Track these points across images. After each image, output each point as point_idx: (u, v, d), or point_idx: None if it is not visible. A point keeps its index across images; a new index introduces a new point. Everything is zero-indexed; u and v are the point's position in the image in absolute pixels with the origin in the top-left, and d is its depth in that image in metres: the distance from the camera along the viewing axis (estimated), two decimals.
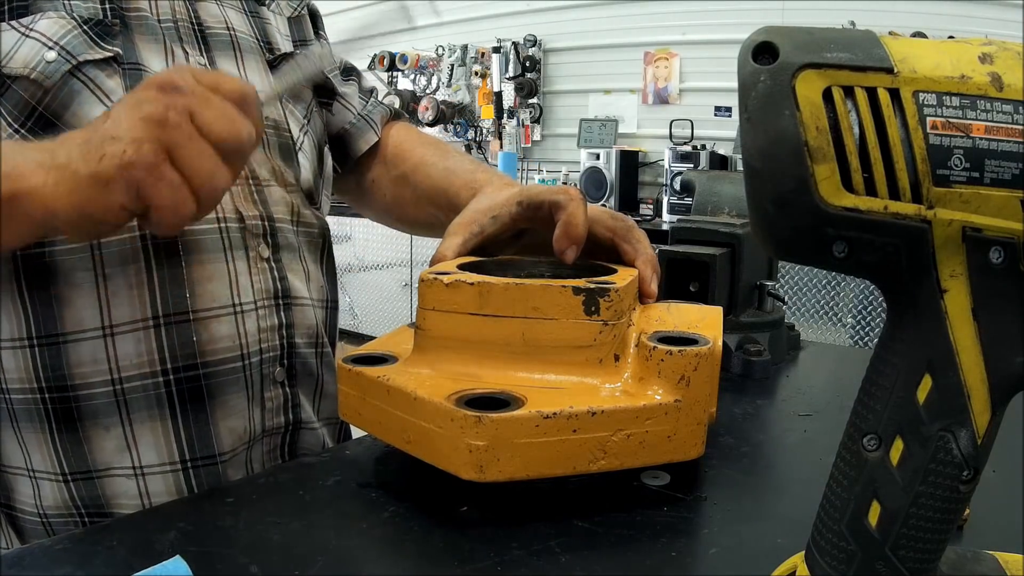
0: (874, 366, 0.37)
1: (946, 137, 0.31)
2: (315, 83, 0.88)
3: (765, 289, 1.03)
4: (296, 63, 0.69)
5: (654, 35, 3.95)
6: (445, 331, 0.61)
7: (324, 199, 0.90)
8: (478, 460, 0.52)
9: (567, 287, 0.59)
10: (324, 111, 0.92)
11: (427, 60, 4.67)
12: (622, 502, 0.58)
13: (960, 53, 0.32)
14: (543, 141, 4.41)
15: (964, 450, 0.34)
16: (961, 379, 0.34)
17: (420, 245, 4.16)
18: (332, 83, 0.92)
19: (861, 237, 0.33)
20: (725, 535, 0.54)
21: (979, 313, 0.33)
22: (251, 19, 0.79)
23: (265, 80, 0.76)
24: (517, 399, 0.55)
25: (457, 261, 0.68)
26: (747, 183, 0.34)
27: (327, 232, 0.87)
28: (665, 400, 0.56)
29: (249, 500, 0.58)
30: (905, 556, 0.36)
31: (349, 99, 0.95)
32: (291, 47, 0.85)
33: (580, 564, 0.49)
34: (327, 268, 0.88)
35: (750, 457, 0.68)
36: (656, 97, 3.94)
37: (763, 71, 0.32)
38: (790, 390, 0.91)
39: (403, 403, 0.57)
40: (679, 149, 3.51)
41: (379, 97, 1.00)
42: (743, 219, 1.04)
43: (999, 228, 0.32)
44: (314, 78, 0.86)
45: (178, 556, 0.46)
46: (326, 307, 0.84)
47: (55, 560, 0.48)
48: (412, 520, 0.55)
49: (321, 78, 0.89)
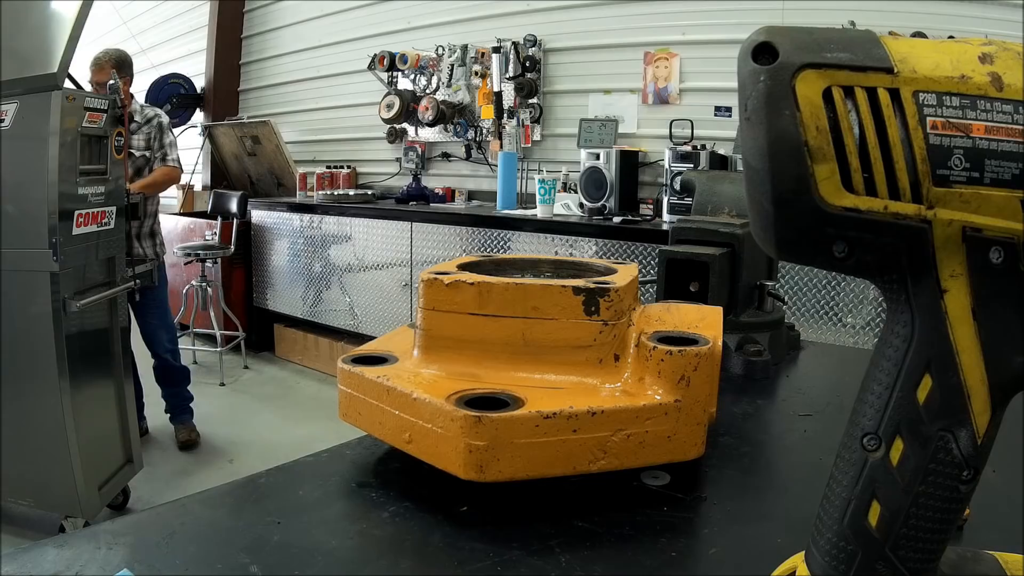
0: (874, 366, 0.37)
1: (946, 137, 0.31)
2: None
3: (765, 289, 1.03)
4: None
5: (654, 35, 3.94)
6: (445, 331, 0.61)
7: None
8: (478, 460, 0.52)
9: (567, 287, 0.59)
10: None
11: (427, 60, 4.66)
12: (622, 502, 0.57)
13: (960, 53, 0.32)
14: (543, 141, 4.41)
15: (964, 450, 0.34)
16: (961, 379, 0.34)
17: (420, 245, 4.16)
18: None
19: (861, 237, 0.33)
20: (725, 535, 0.53)
21: (979, 313, 0.33)
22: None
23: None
24: (517, 399, 0.55)
25: (457, 261, 0.68)
26: (747, 183, 0.34)
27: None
28: (665, 400, 0.56)
29: (249, 500, 0.58)
30: (905, 556, 0.36)
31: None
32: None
33: (580, 564, 0.49)
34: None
35: (750, 457, 0.68)
36: (656, 97, 3.93)
37: (763, 71, 0.32)
38: (790, 390, 0.91)
39: (403, 403, 0.57)
40: (679, 149, 3.50)
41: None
42: (743, 219, 1.04)
43: (999, 228, 0.32)
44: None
45: (125, 569, 0.46)
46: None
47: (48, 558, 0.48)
48: (412, 520, 0.55)
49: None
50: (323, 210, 4.71)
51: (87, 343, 2.51)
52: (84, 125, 2.41)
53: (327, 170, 5.20)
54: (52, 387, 2.37)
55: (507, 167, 4.22)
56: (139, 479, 2.89)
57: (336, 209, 4.66)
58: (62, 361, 2.36)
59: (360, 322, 4.58)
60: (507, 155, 4.24)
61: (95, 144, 2.52)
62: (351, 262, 4.59)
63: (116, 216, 2.61)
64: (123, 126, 2.65)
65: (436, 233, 4.11)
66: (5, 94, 2.29)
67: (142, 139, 3.32)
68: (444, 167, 4.94)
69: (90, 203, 2.45)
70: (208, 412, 3.78)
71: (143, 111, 3.36)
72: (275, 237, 5.06)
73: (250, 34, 6.10)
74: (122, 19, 6.30)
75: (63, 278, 2.33)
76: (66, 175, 2.32)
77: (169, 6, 6.43)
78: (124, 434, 2.79)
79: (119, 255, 2.69)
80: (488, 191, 4.61)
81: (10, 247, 2.32)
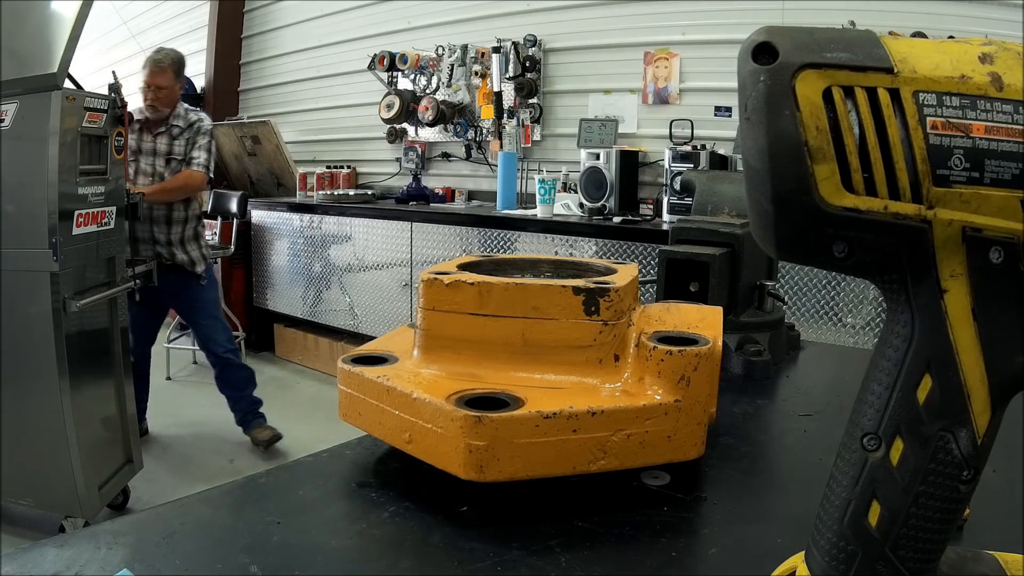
0: (874, 366, 0.37)
1: (946, 137, 0.31)
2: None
3: (765, 289, 1.03)
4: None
5: (654, 35, 3.94)
6: (445, 331, 0.61)
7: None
8: (478, 460, 0.52)
9: (567, 287, 0.59)
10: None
11: (427, 60, 4.66)
12: (622, 502, 0.57)
13: (960, 53, 0.32)
14: (543, 141, 4.40)
15: (964, 450, 0.34)
16: (961, 379, 0.34)
17: (420, 245, 4.16)
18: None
19: (861, 237, 0.33)
20: (725, 535, 0.53)
21: (979, 313, 0.33)
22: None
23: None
24: (517, 399, 0.55)
25: (457, 261, 0.68)
26: (747, 183, 0.34)
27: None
28: (665, 400, 0.56)
29: (249, 500, 0.58)
30: (905, 556, 0.36)
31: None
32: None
33: (580, 564, 0.49)
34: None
35: (750, 457, 0.68)
36: (656, 97, 3.93)
37: (763, 71, 0.32)
38: (790, 390, 0.91)
39: (403, 403, 0.57)
40: (679, 149, 3.50)
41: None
42: (743, 219, 1.04)
43: (999, 228, 0.32)
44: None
45: (125, 569, 0.46)
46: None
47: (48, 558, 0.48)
48: (412, 520, 0.55)
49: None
50: (323, 210, 4.71)
51: (87, 343, 2.51)
52: (84, 125, 2.41)
53: (327, 170, 5.19)
54: (52, 387, 2.37)
55: (507, 167, 4.22)
56: (139, 479, 2.89)
57: (336, 209, 4.66)
58: (62, 361, 2.36)
59: (360, 322, 4.58)
60: (507, 155, 4.24)
61: (95, 144, 2.52)
62: (351, 262, 4.59)
63: (116, 216, 2.61)
64: (123, 126, 2.65)
65: (436, 233, 4.11)
66: (5, 94, 2.29)
67: (182, 145, 3.21)
68: (444, 167, 4.94)
69: (90, 203, 2.45)
70: (208, 412, 3.78)
71: (187, 115, 3.25)
72: (275, 237, 5.06)
73: (250, 34, 6.10)
74: (122, 19, 6.30)
75: (63, 278, 2.33)
76: (66, 175, 2.32)
77: (169, 6, 6.43)
78: (124, 434, 2.78)
79: (119, 255, 2.69)
80: (488, 191, 4.61)
81: (10, 247, 2.32)
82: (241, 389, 3.44)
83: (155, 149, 3.17)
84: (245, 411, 3.43)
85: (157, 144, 3.17)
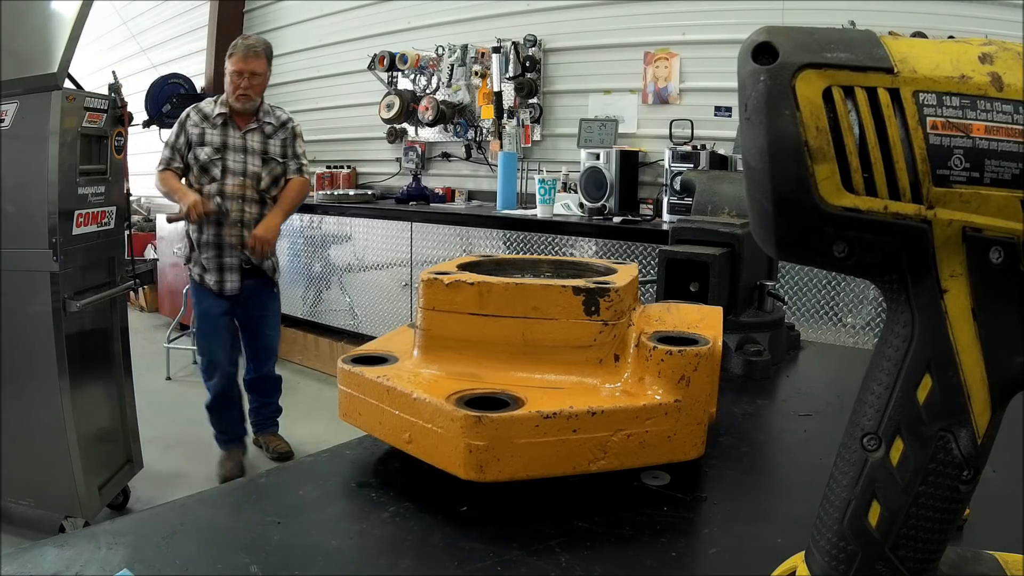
0: (874, 366, 0.37)
1: (946, 137, 0.31)
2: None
3: (765, 289, 1.03)
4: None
5: (654, 35, 3.94)
6: (445, 331, 0.61)
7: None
8: (478, 460, 0.52)
9: (567, 287, 0.59)
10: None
11: (427, 60, 4.66)
12: (622, 502, 0.57)
13: (960, 53, 0.32)
14: (543, 141, 4.40)
15: (964, 450, 0.34)
16: (961, 379, 0.34)
17: (420, 245, 4.16)
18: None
19: (861, 237, 0.33)
20: (725, 535, 0.53)
21: (979, 313, 0.33)
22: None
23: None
24: (517, 399, 0.55)
25: (457, 261, 0.69)
26: (747, 183, 0.34)
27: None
28: (665, 400, 0.56)
29: (249, 500, 0.58)
30: (905, 556, 0.36)
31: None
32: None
33: (580, 564, 0.49)
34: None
35: (750, 457, 0.68)
36: (656, 97, 3.93)
37: (763, 71, 0.32)
38: (790, 390, 0.91)
39: (403, 403, 0.57)
40: (679, 149, 3.50)
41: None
42: (743, 219, 1.04)
43: (999, 228, 0.32)
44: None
45: (125, 569, 0.46)
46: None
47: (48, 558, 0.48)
48: (412, 520, 0.54)
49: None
50: (323, 210, 4.71)
51: (87, 343, 2.51)
52: (84, 125, 2.41)
53: (327, 170, 5.19)
54: (52, 387, 2.37)
55: (507, 167, 4.22)
56: (139, 479, 2.89)
57: (336, 209, 4.66)
58: (62, 361, 2.36)
59: (360, 322, 4.58)
60: (507, 155, 4.24)
61: (95, 144, 2.52)
62: (351, 262, 4.59)
63: (116, 216, 2.61)
64: (123, 126, 2.65)
65: (436, 233, 4.11)
66: (5, 94, 2.29)
67: (277, 145, 3.03)
68: (444, 167, 4.94)
69: (90, 203, 2.45)
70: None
71: (274, 112, 3.08)
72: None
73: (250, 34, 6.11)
74: (122, 19, 6.30)
75: (63, 278, 2.33)
76: (66, 175, 2.32)
77: (169, 6, 6.43)
78: (124, 434, 2.79)
79: (119, 255, 2.69)
80: (488, 191, 4.61)
81: (10, 247, 2.32)
82: (271, 396, 3.43)
83: (246, 146, 2.96)
84: (267, 416, 3.42)
85: (248, 141, 2.97)
